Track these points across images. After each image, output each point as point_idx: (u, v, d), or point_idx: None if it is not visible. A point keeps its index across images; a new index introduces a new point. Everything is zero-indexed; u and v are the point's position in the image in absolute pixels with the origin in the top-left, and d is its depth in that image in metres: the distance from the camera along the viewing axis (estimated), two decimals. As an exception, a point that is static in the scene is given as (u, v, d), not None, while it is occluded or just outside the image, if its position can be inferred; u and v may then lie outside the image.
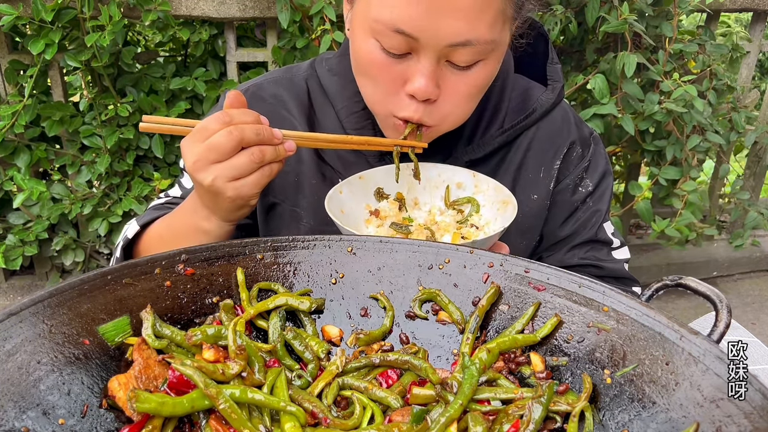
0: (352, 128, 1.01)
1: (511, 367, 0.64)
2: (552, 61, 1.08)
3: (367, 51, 0.86)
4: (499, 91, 1.04)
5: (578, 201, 1.07)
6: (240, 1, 2.16)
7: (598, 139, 1.10)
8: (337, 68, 1.04)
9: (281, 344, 0.67)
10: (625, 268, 1.09)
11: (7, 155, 2.23)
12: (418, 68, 0.83)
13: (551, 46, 1.09)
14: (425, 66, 0.83)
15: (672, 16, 2.16)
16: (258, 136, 0.81)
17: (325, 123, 1.05)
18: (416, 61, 0.83)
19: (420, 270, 0.71)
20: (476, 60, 0.84)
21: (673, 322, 0.56)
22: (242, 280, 0.70)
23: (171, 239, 0.95)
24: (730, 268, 3.18)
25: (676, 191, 2.38)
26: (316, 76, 1.06)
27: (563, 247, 1.08)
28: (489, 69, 0.87)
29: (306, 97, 1.06)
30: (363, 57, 0.87)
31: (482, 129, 1.03)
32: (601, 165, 1.08)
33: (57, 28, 2.02)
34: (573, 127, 1.07)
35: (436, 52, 0.82)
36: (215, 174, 0.80)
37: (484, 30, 0.80)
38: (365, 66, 0.88)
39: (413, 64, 0.84)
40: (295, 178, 1.03)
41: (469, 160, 1.03)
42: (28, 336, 0.56)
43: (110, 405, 0.56)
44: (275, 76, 1.09)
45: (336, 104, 1.03)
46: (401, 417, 0.58)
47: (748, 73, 2.88)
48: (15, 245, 2.33)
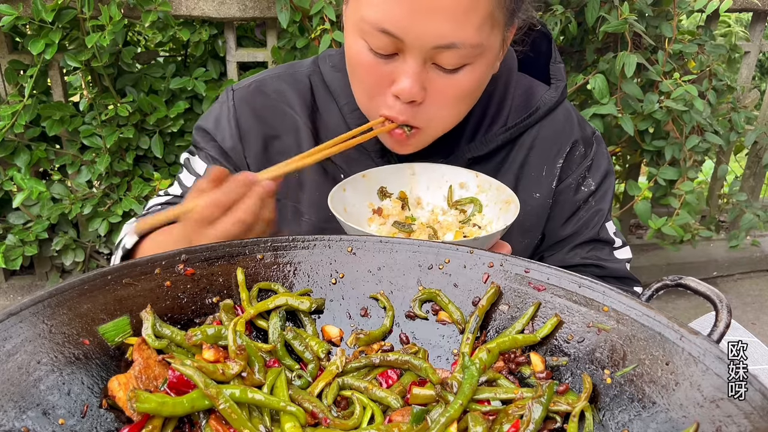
0: (355, 124, 1.02)
1: (511, 367, 0.64)
2: (555, 61, 1.08)
3: (356, 51, 0.86)
4: (503, 89, 1.04)
5: (580, 200, 1.07)
6: (240, 1, 2.16)
7: (600, 138, 1.11)
8: (340, 65, 1.04)
9: (281, 344, 0.67)
10: (627, 268, 1.09)
11: (7, 155, 2.23)
12: (403, 69, 0.83)
13: (554, 46, 1.09)
14: (411, 67, 0.83)
15: (672, 16, 2.16)
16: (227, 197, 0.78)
17: (328, 119, 1.05)
18: (402, 62, 0.84)
19: (420, 270, 0.71)
20: (463, 63, 0.84)
21: (673, 322, 0.56)
22: (242, 280, 0.70)
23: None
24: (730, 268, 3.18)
25: (674, 191, 2.38)
26: (320, 73, 1.07)
27: (565, 247, 1.08)
28: (477, 73, 0.87)
29: (309, 94, 1.06)
30: (352, 57, 0.88)
31: (485, 126, 1.03)
32: (603, 164, 1.08)
33: (57, 28, 2.02)
34: (576, 126, 1.07)
35: (422, 54, 0.82)
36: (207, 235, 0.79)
37: (471, 33, 0.80)
38: (354, 66, 0.89)
39: (399, 65, 0.84)
40: (297, 174, 1.03)
41: (471, 158, 1.03)
42: (28, 336, 0.56)
43: (110, 405, 0.56)
44: (278, 72, 1.09)
45: (340, 100, 1.03)
46: (401, 417, 0.58)
47: (748, 73, 2.88)
48: (15, 245, 2.33)
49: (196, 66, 2.36)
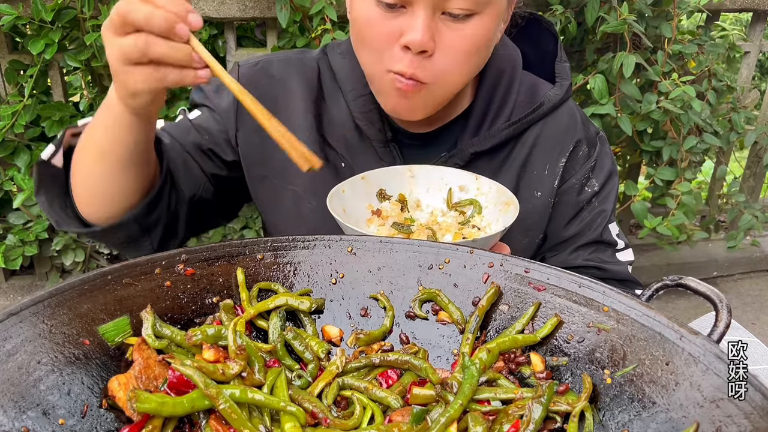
0: (358, 111, 1.02)
1: (511, 367, 0.64)
2: (561, 60, 1.08)
3: (364, 8, 0.86)
4: (507, 84, 1.04)
5: (584, 201, 1.06)
6: (240, 1, 2.16)
7: (604, 138, 1.10)
8: (347, 51, 1.04)
9: (281, 344, 0.67)
10: (629, 271, 1.09)
11: (7, 155, 2.22)
12: (413, 20, 0.83)
13: (560, 45, 1.09)
14: (420, 17, 0.83)
15: (672, 16, 2.16)
16: (146, 21, 0.68)
17: (332, 107, 1.05)
18: (411, 13, 0.84)
19: (420, 270, 0.71)
20: (472, 10, 0.84)
21: (673, 322, 0.56)
22: (242, 281, 0.70)
23: (89, 125, 0.88)
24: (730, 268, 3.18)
25: (671, 192, 2.38)
26: (327, 61, 1.07)
27: (567, 248, 1.08)
28: (485, 25, 0.87)
29: (316, 80, 1.06)
30: (360, 17, 0.88)
31: (489, 121, 1.03)
32: (607, 165, 1.08)
33: (57, 28, 2.02)
34: (579, 125, 1.07)
35: (431, 2, 0.82)
36: (109, 47, 0.72)
37: None
38: (362, 26, 0.88)
39: (408, 18, 0.84)
40: None
41: (474, 152, 1.02)
42: (28, 336, 0.56)
43: (110, 405, 0.56)
44: (288, 56, 1.09)
45: (345, 86, 1.03)
46: (401, 417, 0.58)
47: (748, 73, 2.88)
48: (15, 245, 2.33)
49: (196, 66, 2.35)
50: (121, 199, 0.89)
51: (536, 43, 1.11)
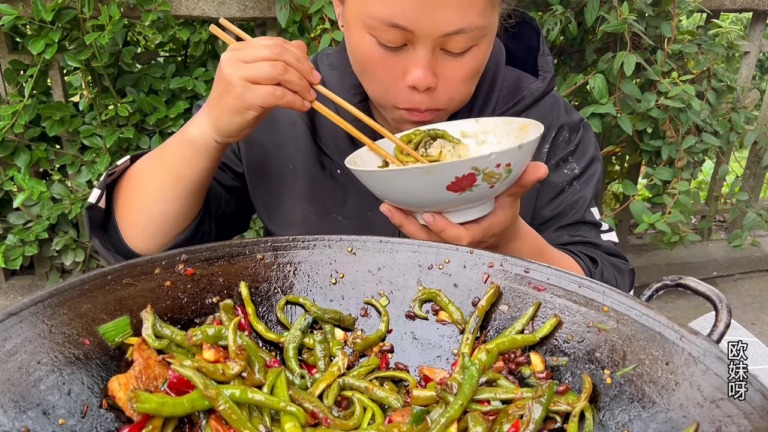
0: (348, 121, 1.02)
1: (511, 368, 0.64)
2: (543, 53, 1.11)
3: (364, 47, 0.88)
4: (490, 82, 1.06)
5: (564, 182, 1.08)
6: (240, 1, 2.16)
7: (588, 126, 1.13)
8: (336, 63, 1.06)
9: (296, 345, 0.67)
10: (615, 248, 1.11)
11: (7, 155, 2.22)
12: (415, 59, 0.85)
13: (542, 39, 1.11)
14: (422, 56, 0.85)
15: (672, 16, 2.16)
16: (297, 62, 0.82)
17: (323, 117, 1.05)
18: (413, 52, 0.85)
19: (420, 270, 0.72)
20: (470, 46, 0.86)
21: (673, 322, 0.56)
22: (246, 295, 0.70)
23: (157, 155, 0.96)
24: (730, 268, 3.18)
25: (669, 191, 2.39)
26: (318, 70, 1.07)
27: (549, 228, 1.10)
28: (482, 52, 0.90)
29: None
30: (361, 53, 0.89)
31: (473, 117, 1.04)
32: (590, 150, 1.10)
33: (57, 28, 2.02)
34: (562, 113, 1.10)
35: (431, 42, 0.84)
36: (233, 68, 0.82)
37: (476, 17, 0.83)
38: (364, 62, 0.90)
39: (410, 56, 0.86)
40: (291, 165, 1.05)
41: None
42: (28, 336, 0.56)
43: (110, 405, 0.56)
44: None
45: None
46: (401, 417, 0.58)
47: (748, 73, 2.88)
48: (15, 245, 2.33)
49: (196, 66, 2.35)
50: (179, 223, 0.96)
51: (521, 39, 1.14)
